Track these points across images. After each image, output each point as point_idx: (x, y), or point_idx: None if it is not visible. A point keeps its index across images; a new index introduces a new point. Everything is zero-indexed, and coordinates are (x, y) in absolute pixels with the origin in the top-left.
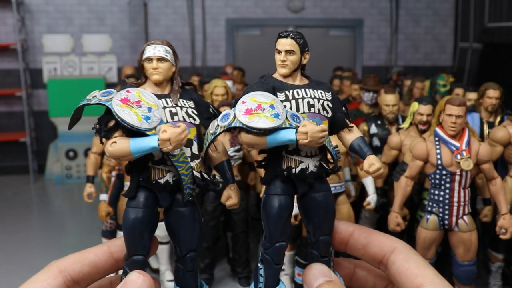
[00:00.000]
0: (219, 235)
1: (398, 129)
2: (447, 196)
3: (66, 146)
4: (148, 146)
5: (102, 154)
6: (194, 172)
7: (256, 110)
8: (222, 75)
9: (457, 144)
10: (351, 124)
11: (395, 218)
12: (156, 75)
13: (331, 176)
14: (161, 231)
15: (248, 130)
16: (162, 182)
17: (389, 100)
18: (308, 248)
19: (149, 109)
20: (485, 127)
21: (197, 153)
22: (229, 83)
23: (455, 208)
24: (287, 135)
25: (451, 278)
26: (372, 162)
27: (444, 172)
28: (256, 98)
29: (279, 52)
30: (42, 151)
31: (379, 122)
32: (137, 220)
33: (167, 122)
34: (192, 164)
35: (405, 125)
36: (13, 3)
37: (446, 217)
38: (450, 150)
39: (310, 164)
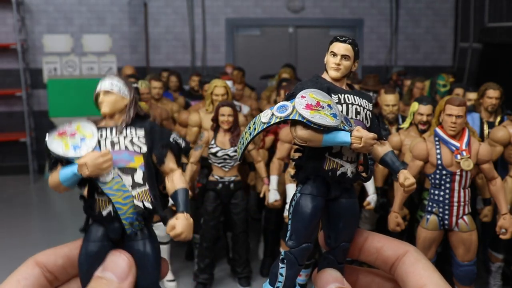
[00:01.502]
0: (219, 235)
1: (398, 129)
2: (447, 196)
3: None
4: (71, 172)
5: None
6: (135, 201)
7: (316, 106)
8: (222, 75)
9: (457, 144)
10: (384, 138)
11: (395, 218)
12: (103, 108)
13: None
14: (160, 230)
15: (307, 125)
16: (104, 214)
17: (389, 100)
18: (324, 252)
19: (82, 139)
20: (485, 127)
21: (140, 182)
22: (229, 83)
23: (455, 208)
24: (344, 137)
25: (451, 278)
26: (407, 177)
27: (444, 172)
28: (314, 95)
29: (335, 55)
30: (42, 151)
31: None
32: (88, 255)
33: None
34: (134, 193)
35: (405, 125)
36: (13, 3)
37: (446, 217)
38: (450, 150)
39: (349, 170)
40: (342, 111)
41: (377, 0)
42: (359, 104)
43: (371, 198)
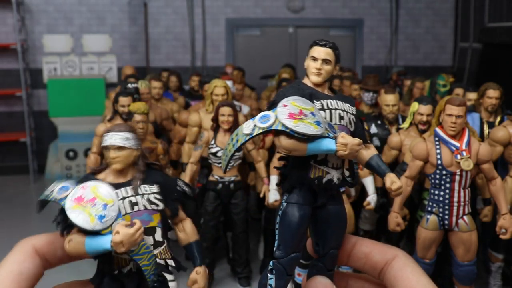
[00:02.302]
0: (219, 235)
1: (398, 129)
2: (447, 196)
3: (66, 146)
4: (102, 248)
5: (102, 154)
6: (158, 260)
7: (299, 115)
8: (222, 75)
9: (457, 144)
10: (368, 141)
11: (395, 218)
12: (115, 164)
13: None
14: None
15: (290, 134)
16: (125, 272)
17: (389, 100)
18: (312, 260)
19: (104, 206)
20: (485, 127)
21: (160, 239)
22: (229, 83)
23: (455, 208)
24: (328, 144)
25: (451, 278)
26: (394, 180)
27: (444, 172)
28: (296, 103)
29: (315, 59)
30: (42, 151)
31: (379, 122)
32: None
33: (126, 213)
34: (156, 251)
35: (405, 125)
36: (13, 3)
37: (446, 217)
38: (450, 150)
39: (335, 176)
40: (325, 117)
41: (377, 0)
42: (342, 108)
43: (371, 198)
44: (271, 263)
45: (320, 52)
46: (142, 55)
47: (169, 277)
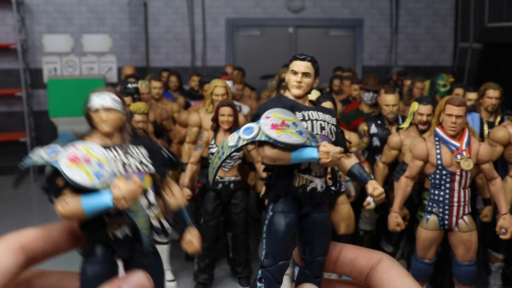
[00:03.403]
0: (219, 235)
1: (398, 129)
2: (447, 196)
3: None
4: (103, 205)
5: None
6: (153, 221)
7: (281, 125)
8: (222, 75)
9: (457, 144)
10: (350, 150)
11: (395, 218)
12: (105, 126)
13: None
14: None
15: (274, 144)
16: (120, 236)
17: (389, 100)
18: (300, 268)
19: (100, 164)
20: (485, 127)
21: (154, 201)
22: (229, 83)
23: (455, 208)
24: (311, 153)
25: (451, 278)
26: (375, 187)
27: (444, 172)
28: (279, 114)
29: (295, 73)
30: None
31: (379, 122)
32: (95, 277)
33: (120, 174)
34: (150, 213)
35: (405, 125)
36: (13, 3)
37: (446, 217)
38: (450, 150)
39: (318, 184)
40: (307, 128)
41: (377, 0)
42: (323, 119)
43: (371, 198)
44: (259, 271)
45: (300, 66)
46: (142, 55)
47: (169, 277)
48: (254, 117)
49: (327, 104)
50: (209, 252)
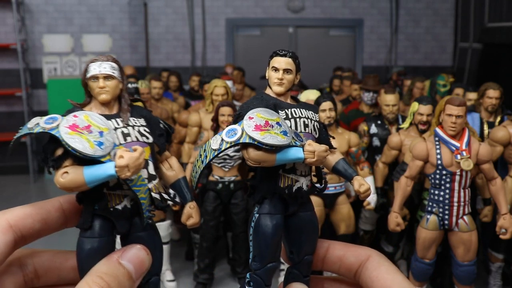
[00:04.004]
0: (219, 235)
1: (398, 129)
2: (447, 196)
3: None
4: (105, 174)
5: None
6: (153, 193)
7: (265, 126)
8: (222, 75)
9: (457, 144)
10: (334, 146)
11: (395, 218)
12: (103, 95)
13: (331, 176)
14: (160, 231)
15: (258, 146)
16: (120, 208)
17: (389, 100)
18: (288, 267)
19: (101, 133)
20: (485, 127)
21: (153, 173)
22: (229, 83)
23: (455, 208)
24: (296, 153)
25: (451, 278)
26: (361, 183)
27: (444, 172)
28: (262, 114)
29: (276, 70)
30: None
31: (379, 122)
32: (92, 251)
33: (120, 144)
34: (150, 185)
35: (405, 125)
36: (13, 3)
37: (446, 217)
38: (450, 150)
39: (304, 183)
40: (290, 126)
41: (377, 0)
42: (306, 116)
43: (371, 198)
44: (248, 275)
45: (281, 62)
46: (142, 55)
47: (169, 277)
48: (237, 117)
49: (327, 104)
50: (209, 252)
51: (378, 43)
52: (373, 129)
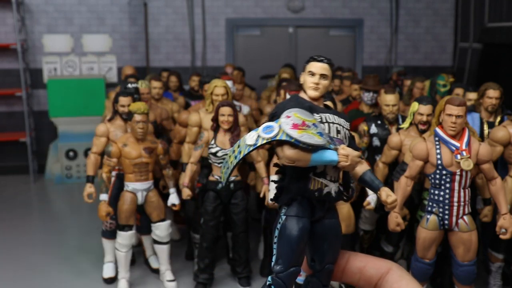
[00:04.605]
0: (219, 235)
1: (398, 129)
2: (447, 196)
3: (66, 146)
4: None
5: (102, 154)
6: (333, 188)
7: (302, 126)
8: (222, 75)
9: (457, 144)
10: (362, 156)
11: (395, 218)
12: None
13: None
14: (160, 231)
15: (294, 144)
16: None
17: (389, 100)
18: (307, 276)
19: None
20: (485, 127)
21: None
22: (229, 83)
23: (455, 208)
24: (331, 155)
25: (451, 278)
26: (389, 194)
27: (444, 172)
28: (299, 114)
29: (313, 74)
30: (42, 151)
31: (379, 122)
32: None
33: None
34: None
35: (405, 125)
36: (13, 3)
37: (446, 217)
38: (450, 150)
39: (333, 189)
40: (324, 130)
41: (377, 0)
42: (339, 123)
43: (371, 198)
44: (269, 278)
45: (318, 67)
46: (142, 55)
47: (169, 277)
48: (272, 116)
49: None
50: (209, 252)
51: (378, 43)
52: (373, 129)
